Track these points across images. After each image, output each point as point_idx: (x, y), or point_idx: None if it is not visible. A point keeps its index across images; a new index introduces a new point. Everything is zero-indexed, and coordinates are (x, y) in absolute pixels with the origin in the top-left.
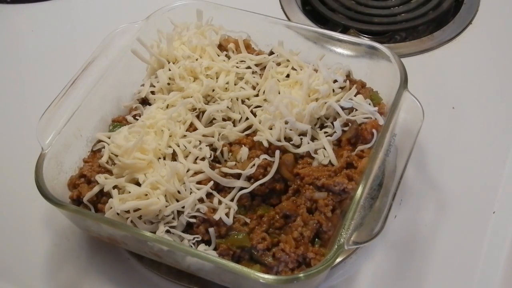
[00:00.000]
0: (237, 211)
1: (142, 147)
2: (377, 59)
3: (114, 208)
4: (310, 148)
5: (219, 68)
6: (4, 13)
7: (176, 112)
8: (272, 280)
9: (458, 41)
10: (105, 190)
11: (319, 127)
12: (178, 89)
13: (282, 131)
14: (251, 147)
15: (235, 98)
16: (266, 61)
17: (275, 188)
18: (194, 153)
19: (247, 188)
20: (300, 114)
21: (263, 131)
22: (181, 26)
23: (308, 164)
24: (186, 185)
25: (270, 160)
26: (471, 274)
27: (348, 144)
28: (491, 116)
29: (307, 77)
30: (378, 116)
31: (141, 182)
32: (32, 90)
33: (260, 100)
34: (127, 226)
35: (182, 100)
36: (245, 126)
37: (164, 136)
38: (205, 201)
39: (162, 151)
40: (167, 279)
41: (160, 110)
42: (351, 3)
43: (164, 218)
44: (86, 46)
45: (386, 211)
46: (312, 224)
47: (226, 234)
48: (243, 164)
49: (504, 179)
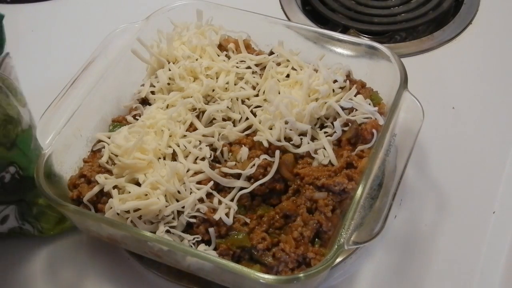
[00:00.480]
0: (237, 211)
1: (142, 147)
2: (377, 59)
3: (114, 208)
4: (310, 148)
5: (219, 68)
6: (4, 13)
7: (176, 112)
8: (272, 280)
9: (458, 41)
10: (105, 190)
11: (319, 127)
12: (178, 89)
13: (282, 131)
14: (251, 147)
15: (235, 98)
16: (266, 61)
17: (275, 188)
18: (194, 153)
19: (247, 188)
20: (300, 114)
21: (263, 131)
22: (181, 26)
23: (308, 164)
24: (186, 185)
25: (270, 160)
26: (471, 274)
27: (348, 144)
28: (491, 116)
29: (307, 77)
30: (378, 116)
31: (141, 182)
32: (32, 90)
33: (260, 100)
34: (127, 226)
35: (182, 100)
36: (245, 126)
37: (164, 136)
38: (205, 201)
39: (162, 151)
40: (167, 279)
41: (160, 110)
42: (351, 3)
43: (164, 218)
44: (86, 46)
45: (386, 211)
46: (312, 224)
47: (226, 234)
48: (243, 164)
49: (504, 179)
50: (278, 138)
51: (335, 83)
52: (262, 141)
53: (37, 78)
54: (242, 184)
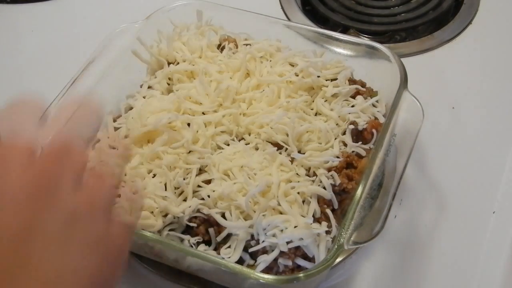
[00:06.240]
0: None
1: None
2: (377, 59)
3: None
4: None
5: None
6: (4, 13)
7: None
8: (272, 280)
9: (458, 41)
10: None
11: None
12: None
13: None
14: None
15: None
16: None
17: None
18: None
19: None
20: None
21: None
22: (181, 27)
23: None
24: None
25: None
26: (471, 274)
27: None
28: (491, 116)
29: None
30: (378, 116)
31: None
32: (32, 90)
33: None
34: None
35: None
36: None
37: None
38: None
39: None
40: (167, 279)
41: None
42: (351, 3)
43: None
44: (86, 46)
45: (386, 211)
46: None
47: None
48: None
49: (504, 179)
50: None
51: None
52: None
53: (37, 78)
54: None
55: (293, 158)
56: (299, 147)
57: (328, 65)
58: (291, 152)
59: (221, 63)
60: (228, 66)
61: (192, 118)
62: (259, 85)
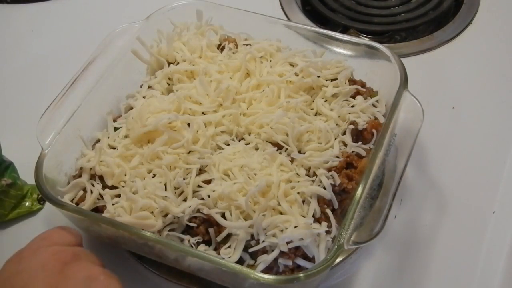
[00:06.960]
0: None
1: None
2: (377, 59)
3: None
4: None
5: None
6: (4, 13)
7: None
8: (272, 280)
9: (458, 41)
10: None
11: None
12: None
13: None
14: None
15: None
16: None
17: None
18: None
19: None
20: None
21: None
22: (181, 27)
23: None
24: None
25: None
26: (471, 274)
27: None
28: (491, 116)
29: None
30: (378, 116)
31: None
32: (32, 90)
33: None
34: (127, 226)
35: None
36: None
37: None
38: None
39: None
40: (167, 279)
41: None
42: (351, 3)
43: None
44: (86, 46)
45: (386, 211)
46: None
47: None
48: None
49: (504, 179)
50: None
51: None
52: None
53: (37, 78)
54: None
55: (293, 158)
56: (299, 147)
57: (328, 65)
58: (291, 152)
59: (221, 63)
60: (228, 66)
61: (192, 118)
62: (259, 85)
